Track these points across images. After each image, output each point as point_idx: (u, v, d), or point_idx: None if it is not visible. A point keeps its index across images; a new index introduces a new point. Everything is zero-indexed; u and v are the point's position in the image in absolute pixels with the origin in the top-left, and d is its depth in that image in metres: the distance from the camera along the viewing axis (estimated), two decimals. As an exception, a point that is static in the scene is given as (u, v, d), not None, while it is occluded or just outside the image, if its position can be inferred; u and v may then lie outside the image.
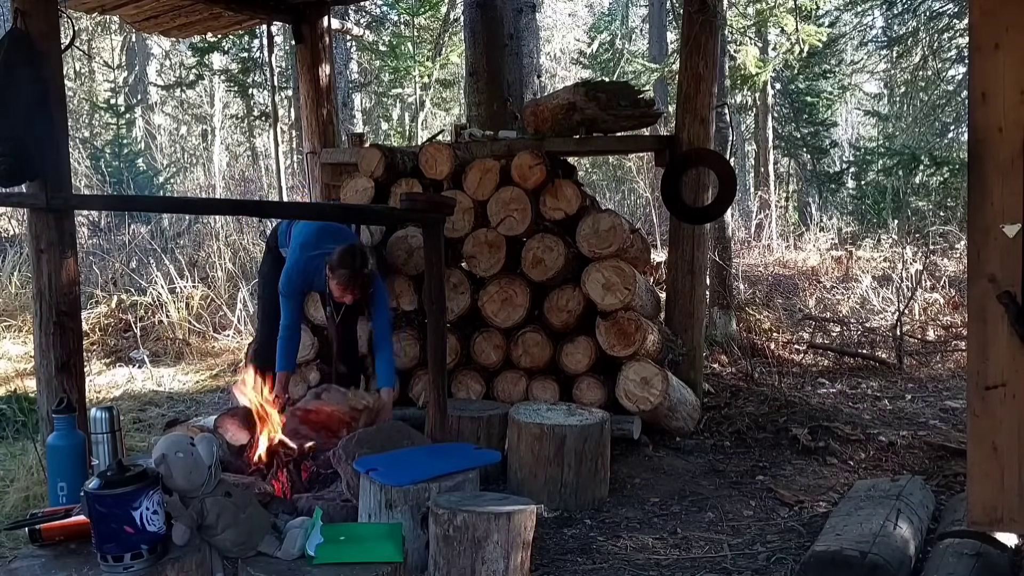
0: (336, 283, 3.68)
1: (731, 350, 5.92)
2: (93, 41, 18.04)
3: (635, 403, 4.04)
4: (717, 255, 6.43)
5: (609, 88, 4.56)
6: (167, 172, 13.36)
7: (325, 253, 3.77)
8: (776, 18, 9.33)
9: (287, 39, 12.88)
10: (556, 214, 4.24)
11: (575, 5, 20.83)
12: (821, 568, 2.56)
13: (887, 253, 10.12)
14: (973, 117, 2.33)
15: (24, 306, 7.16)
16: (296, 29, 5.39)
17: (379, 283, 3.90)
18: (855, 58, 15.89)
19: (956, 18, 11.56)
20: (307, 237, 3.93)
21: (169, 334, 6.92)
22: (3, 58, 3.06)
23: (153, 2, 4.62)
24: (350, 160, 4.97)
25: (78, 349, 3.37)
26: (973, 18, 2.34)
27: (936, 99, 13.77)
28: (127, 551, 1.97)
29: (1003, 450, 2.34)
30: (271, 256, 4.27)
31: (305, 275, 3.86)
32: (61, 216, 3.28)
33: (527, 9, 6.28)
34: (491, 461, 3.12)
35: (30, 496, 3.48)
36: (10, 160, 3.08)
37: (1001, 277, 2.29)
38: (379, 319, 3.89)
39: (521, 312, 4.24)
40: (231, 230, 9.03)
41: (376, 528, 2.49)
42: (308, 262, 3.84)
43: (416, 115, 13.01)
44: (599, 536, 3.19)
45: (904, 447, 4.16)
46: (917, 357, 6.17)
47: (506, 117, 5.94)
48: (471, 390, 4.32)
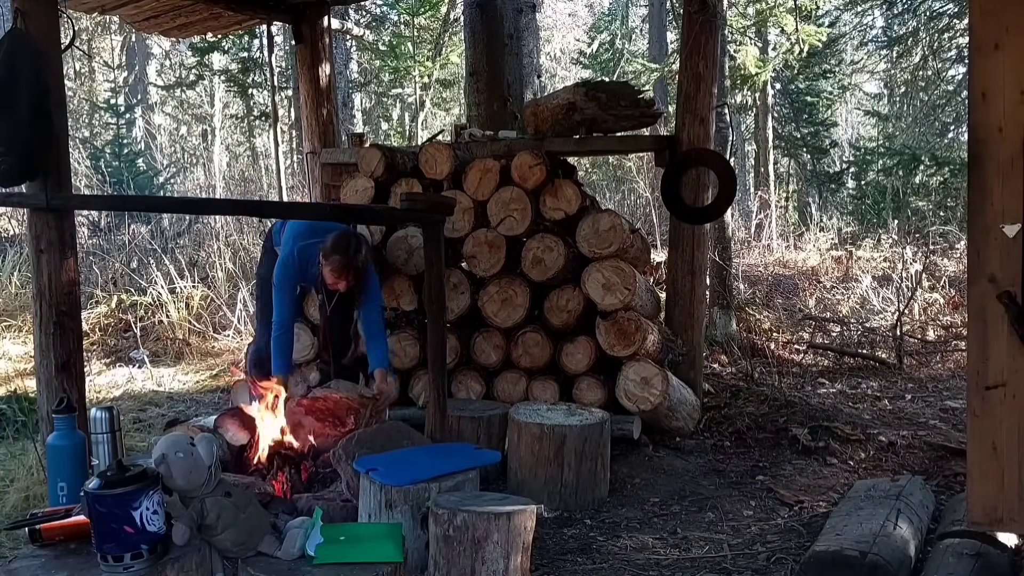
0: (330, 269, 3.66)
1: (731, 350, 5.92)
2: (93, 41, 18.05)
3: (635, 403, 4.04)
4: (717, 255, 6.43)
5: (609, 88, 4.56)
6: (167, 172, 13.36)
7: (319, 242, 3.75)
8: (776, 18, 9.33)
9: (287, 39, 12.88)
10: (556, 214, 4.24)
11: (575, 5, 20.82)
12: (821, 568, 2.56)
13: (887, 253, 10.11)
14: (973, 117, 2.33)
15: (24, 306, 7.16)
16: (296, 29, 5.39)
17: (372, 272, 3.88)
18: (855, 58, 15.89)
19: (956, 18, 11.57)
20: (300, 228, 3.92)
21: (169, 334, 6.92)
22: (3, 58, 3.06)
23: (153, 2, 4.62)
24: (350, 160, 4.97)
25: (78, 349, 3.37)
26: (973, 18, 2.34)
27: (936, 99, 13.78)
28: (127, 551, 1.97)
29: (1003, 450, 2.34)
30: (268, 258, 4.26)
31: (299, 265, 3.84)
32: (61, 216, 3.28)
33: (527, 9, 6.27)
34: (491, 461, 3.12)
35: (30, 496, 3.48)
36: (10, 160, 3.09)
37: (1001, 277, 2.29)
38: (370, 307, 3.87)
39: (521, 312, 4.24)
40: (231, 230, 9.03)
41: (376, 528, 2.49)
42: (302, 251, 3.83)
43: (416, 115, 13.01)
44: (599, 536, 3.19)
45: (904, 447, 4.16)
46: (917, 357, 6.17)
47: (506, 117, 5.94)
48: (471, 390, 4.32)
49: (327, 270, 3.68)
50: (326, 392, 3.51)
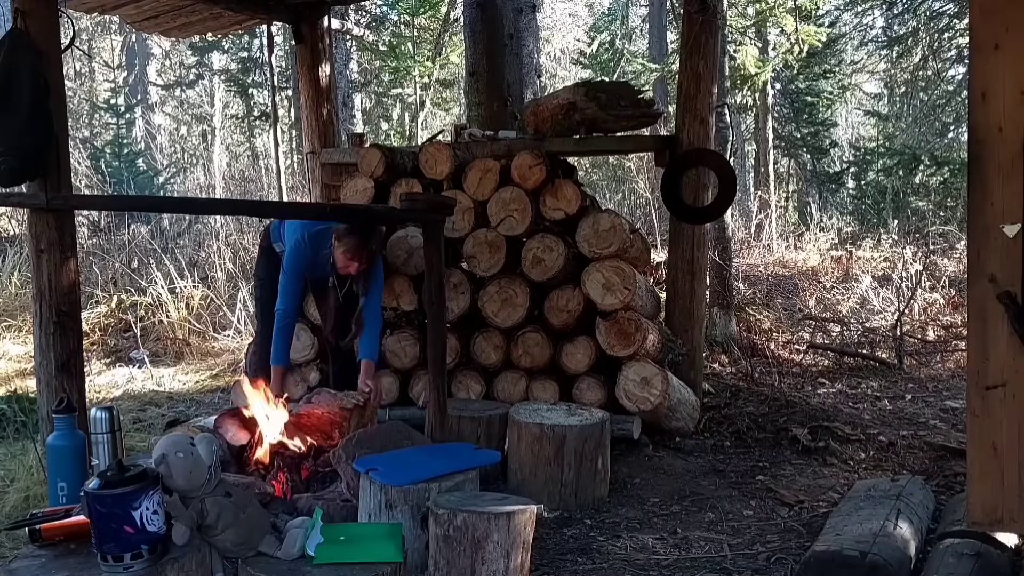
0: (343, 251, 3.71)
1: (731, 350, 5.92)
2: (93, 41, 18.06)
3: (635, 403, 4.04)
4: (717, 255, 6.43)
5: (609, 88, 4.56)
6: (167, 172, 13.36)
7: (329, 227, 3.81)
8: (776, 18, 9.32)
9: (287, 39, 12.88)
10: (556, 214, 4.23)
11: (575, 5, 20.83)
12: (821, 568, 2.56)
13: (887, 253, 10.11)
14: (973, 117, 2.33)
15: (24, 306, 7.16)
16: (296, 29, 5.39)
17: (381, 262, 3.98)
18: (855, 58, 15.88)
19: (956, 18, 11.56)
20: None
21: (169, 334, 6.92)
22: (3, 58, 3.06)
23: (153, 2, 4.62)
24: (350, 160, 4.97)
25: (78, 349, 3.37)
26: (973, 18, 2.34)
27: (936, 99, 13.77)
28: (127, 551, 1.97)
29: (1003, 450, 2.34)
30: (265, 258, 4.28)
31: (312, 247, 3.90)
32: (61, 216, 3.28)
33: (527, 9, 6.27)
34: (491, 461, 3.12)
35: (30, 496, 3.48)
36: (11, 160, 3.09)
37: (1001, 277, 2.29)
38: (373, 296, 3.93)
39: (521, 312, 4.24)
40: (231, 230, 9.04)
41: (376, 528, 2.49)
42: (314, 236, 3.89)
43: (416, 115, 13.01)
44: (599, 536, 3.19)
45: (904, 447, 4.16)
46: (917, 357, 6.17)
47: (506, 117, 5.94)
48: (471, 390, 4.32)
49: (340, 252, 3.73)
50: (308, 408, 3.48)
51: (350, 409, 3.44)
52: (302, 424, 3.40)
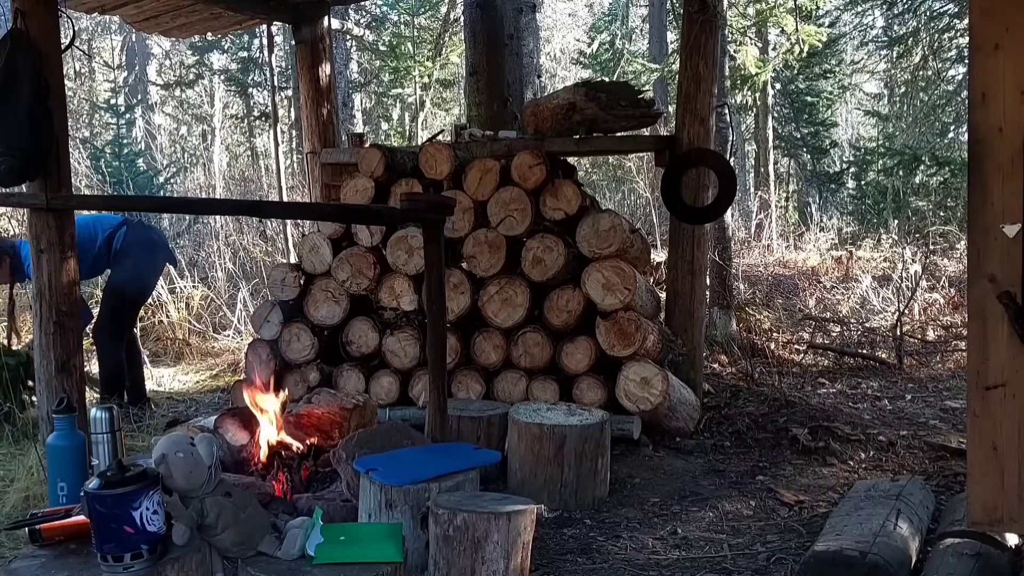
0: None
1: (731, 350, 5.91)
2: (93, 41, 18.06)
3: (635, 403, 4.04)
4: (717, 255, 6.43)
5: (609, 88, 4.56)
6: (167, 172, 13.35)
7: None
8: (776, 18, 9.32)
9: (287, 39, 12.88)
10: (556, 214, 4.23)
11: (575, 5, 20.84)
12: (821, 568, 2.56)
13: (887, 253, 10.12)
14: (973, 117, 2.32)
15: (24, 306, 7.15)
16: (296, 29, 5.39)
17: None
18: (855, 58, 15.89)
19: (956, 18, 11.56)
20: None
21: (169, 334, 6.93)
22: (3, 58, 3.06)
23: (153, 2, 4.63)
24: (350, 160, 4.96)
25: (78, 349, 3.37)
26: (973, 18, 2.34)
27: (936, 99, 13.77)
28: (127, 551, 1.97)
29: (1003, 450, 2.34)
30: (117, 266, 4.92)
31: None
32: (61, 216, 3.28)
33: (527, 9, 6.27)
34: (491, 461, 3.12)
35: (30, 496, 3.48)
36: (11, 160, 3.09)
37: (1001, 277, 2.29)
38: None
39: (521, 312, 4.24)
40: (231, 230, 9.04)
41: (376, 528, 2.49)
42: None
43: (416, 115, 13.02)
44: (599, 536, 3.18)
45: (904, 447, 4.16)
46: (917, 357, 6.17)
47: (506, 117, 5.94)
48: (471, 390, 4.32)
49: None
50: (308, 408, 3.49)
51: (350, 409, 3.45)
52: (301, 424, 3.40)
